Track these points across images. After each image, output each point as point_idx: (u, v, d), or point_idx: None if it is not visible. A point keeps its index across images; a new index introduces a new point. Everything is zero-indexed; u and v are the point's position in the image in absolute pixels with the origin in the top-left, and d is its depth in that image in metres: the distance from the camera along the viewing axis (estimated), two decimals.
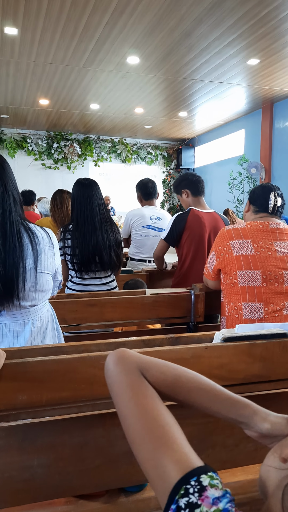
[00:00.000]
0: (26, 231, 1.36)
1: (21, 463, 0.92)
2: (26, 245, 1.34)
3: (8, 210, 1.31)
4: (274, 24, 4.62)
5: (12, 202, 1.33)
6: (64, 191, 3.28)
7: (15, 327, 1.37)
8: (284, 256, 1.74)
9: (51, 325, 1.52)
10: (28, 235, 1.35)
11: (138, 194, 3.39)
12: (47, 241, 1.42)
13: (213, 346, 1.07)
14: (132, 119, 9.03)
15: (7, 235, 1.30)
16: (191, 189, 2.58)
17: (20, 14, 4.35)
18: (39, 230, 1.42)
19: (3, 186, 1.31)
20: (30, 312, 1.40)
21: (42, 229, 1.44)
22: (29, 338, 1.39)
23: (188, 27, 4.66)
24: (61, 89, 6.92)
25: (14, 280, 1.29)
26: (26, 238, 1.35)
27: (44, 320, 1.47)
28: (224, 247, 1.80)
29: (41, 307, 1.45)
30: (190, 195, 2.59)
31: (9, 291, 1.29)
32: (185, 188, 2.60)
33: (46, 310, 1.50)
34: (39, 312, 1.44)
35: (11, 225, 1.31)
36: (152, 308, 2.01)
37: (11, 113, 8.55)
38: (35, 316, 1.42)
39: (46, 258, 1.41)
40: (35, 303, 1.41)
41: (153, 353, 1.03)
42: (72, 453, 0.96)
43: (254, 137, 8.59)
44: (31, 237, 1.36)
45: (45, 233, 1.44)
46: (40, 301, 1.43)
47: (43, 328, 1.45)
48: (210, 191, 10.47)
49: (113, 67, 5.89)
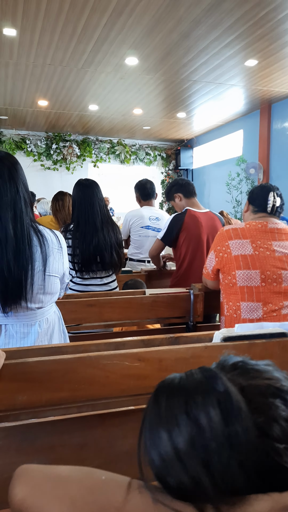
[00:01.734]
0: (36, 233, 1.35)
1: (21, 464, 0.92)
2: (35, 247, 1.34)
3: (19, 212, 1.31)
4: (272, 25, 4.63)
5: (23, 204, 1.32)
6: (66, 193, 3.30)
7: (22, 328, 1.37)
8: (282, 256, 1.74)
9: (58, 327, 1.52)
10: (38, 237, 1.35)
11: (136, 194, 3.39)
12: (56, 244, 1.42)
13: (212, 346, 1.08)
14: (130, 120, 9.04)
15: (17, 238, 1.29)
16: (183, 192, 2.60)
17: (19, 15, 4.35)
18: (49, 232, 1.42)
19: (15, 188, 1.30)
20: (37, 314, 1.40)
21: (51, 232, 1.44)
22: (37, 340, 1.38)
23: (186, 28, 4.66)
24: (60, 90, 6.92)
25: (23, 282, 1.29)
26: (36, 241, 1.34)
27: (51, 321, 1.47)
28: (223, 247, 1.80)
29: (48, 309, 1.45)
30: (183, 198, 2.60)
31: (17, 293, 1.29)
32: (176, 192, 2.61)
33: (52, 312, 1.50)
34: (46, 314, 1.44)
35: (21, 228, 1.30)
36: (151, 308, 2.01)
37: (10, 114, 8.55)
38: (42, 317, 1.42)
39: (55, 261, 1.40)
40: (42, 305, 1.40)
41: (152, 353, 1.04)
42: (72, 454, 0.96)
43: (252, 138, 8.61)
44: (41, 239, 1.35)
45: (54, 235, 1.43)
46: (47, 303, 1.43)
47: (50, 330, 1.45)
48: (208, 191, 10.48)
49: (112, 68, 5.89)
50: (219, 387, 0.51)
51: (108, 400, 0.99)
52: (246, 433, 0.48)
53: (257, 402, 0.52)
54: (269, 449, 0.49)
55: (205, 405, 0.50)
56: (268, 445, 0.49)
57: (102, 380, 0.98)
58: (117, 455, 0.99)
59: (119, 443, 0.99)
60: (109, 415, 1.00)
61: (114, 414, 1.01)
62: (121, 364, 0.99)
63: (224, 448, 0.48)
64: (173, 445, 0.49)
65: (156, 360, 1.03)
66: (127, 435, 1.00)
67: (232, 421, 0.49)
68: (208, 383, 0.53)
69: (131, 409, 1.03)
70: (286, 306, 1.73)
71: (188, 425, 0.49)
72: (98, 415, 0.99)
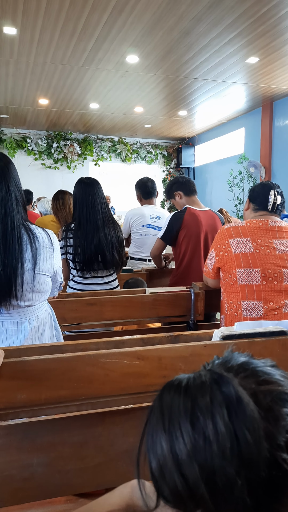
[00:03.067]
0: (26, 232, 1.37)
1: (21, 462, 0.92)
2: (25, 246, 1.35)
3: (10, 211, 1.33)
4: (273, 22, 4.61)
5: (14, 203, 1.34)
6: (66, 191, 3.29)
7: (11, 325, 1.38)
8: (283, 254, 1.74)
9: (49, 325, 1.52)
10: (28, 236, 1.36)
11: (137, 193, 3.39)
12: (47, 243, 1.43)
13: (212, 344, 1.07)
14: (131, 118, 9.02)
15: (7, 236, 1.31)
16: (183, 189, 2.60)
17: (19, 13, 4.34)
18: (40, 231, 1.43)
19: (6, 187, 1.33)
20: (27, 312, 1.41)
21: (43, 231, 1.45)
22: (27, 338, 1.40)
23: (187, 26, 4.65)
24: (61, 89, 6.91)
25: (12, 280, 1.30)
26: (26, 239, 1.36)
27: (42, 319, 1.47)
28: (223, 246, 1.80)
29: (38, 307, 1.46)
30: (183, 196, 2.59)
31: (6, 291, 1.30)
32: (177, 190, 2.61)
33: (44, 310, 1.51)
34: (36, 312, 1.45)
35: (12, 226, 1.32)
36: (152, 307, 2.01)
37: (11, 113, 8.55)
38: (32, 315, 1.43)
39: (45, 260, 1.41)
40: (32, 303, 1.42)
41: (152, 351, 1.04)
42: (72, 452, 0.96)
43: (254, 136, 8.58)
44: (31, 238, 1.37)
45: (46, 234, 1.44)
46: (37, 301, 1.43)
47: (40, 328, 1.46)
48: (210, 190, 10.46)
49: (113, 66, 5.88)
50: (230, 392, 0.46)
51: (108, 398, 1.00)
52: (258, 447, 0.44)
53: (270, 410, 0.47)
54: (281, 461, 0.44)
55: (212, 413, 0.45)
56: (279, 457, 0.44)
57: (101, 378, 0.99)
58: (117, 453, 0.99)
59: (119, 441, 1.00)
60: (109, 413, 1.00)
61: (114, 412, 1.01)
62: (120, 362, 0.99)
63: (231, 463, 0.43)
64: (173, 456, 0.46)
65: (156, 358, 1.03)
66: (127, 433, 1.00)
67: (244, 433, 0.44)
68: (217, 387, 0.48)
69: (131, 408, 1.03)
70: (287, 304, 1.73)
71: (191, 436, 0.45)
72: (98, 414, 0.99)
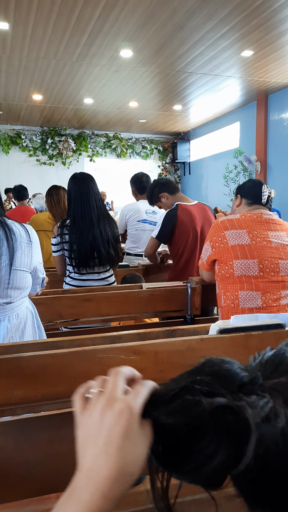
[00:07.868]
0: (2, 227, 1.34)
1: (18, 459, 0.92)
2: (1, 241, 1.33)
3: None
4: (267, 15, 4.59)
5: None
6: (60, 187, 3.25)
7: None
8: (279, 246, 1.75)
9: (31, 323, 1.50)
10: (5, 231, 1.34)
11: (132, 188, 3.37)
12: (25, 238, 1.41)
13: (208, 338, 1.07)
14: (126, 113, 8.98)
15: None
16: (167, 190, 2.59)
17: (11, 8, 4.30)
18: (17, 226, 1.40)
19: None
20: (6, 309, 1.38)
21: (21, 226, 1.42)
22: (6, 335, 1.38)
23: (181, 20, 4.62)
24: (54, 84, 6.86)
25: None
26: (2, 235, 1.33)
27: (22, 317, 1.45)
28: (219, 237, 1.80)
29: (17, 305, 1.43)
30: (169, 196, 2.59)
31: None
32: (160, 192, 2.61)
33: (24, 307, 1.48)
34: (16, 309, 1.42)
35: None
36: (149, 302, 2.01)
37: (4, 109, 8.48)
38: (11, 313, 1.40)
39: (23, 255, 1.39)
40: (11, 300, 1.39)
41: (148, 346, 1.03)
42: (69, 448, 0.96)
43: (249, 130, 8.57)
44: (8, 233, 1.34)
45: (23, 230, 1.42)
46: (16, 298, 1.41)
47: (21, 326, 1.44)
48: (206, 184, 10.45)
49: (106, 61, 5.84)
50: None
51: None
52: None
53: None
54: None
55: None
56: None
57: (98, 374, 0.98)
58: None
59: None
60: None
61: None
62: (117, 357, 0.99)
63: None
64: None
65: (152, 353, 1.03)
66: None
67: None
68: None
69: None
70: (284, 296, 1.74)
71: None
72: None
